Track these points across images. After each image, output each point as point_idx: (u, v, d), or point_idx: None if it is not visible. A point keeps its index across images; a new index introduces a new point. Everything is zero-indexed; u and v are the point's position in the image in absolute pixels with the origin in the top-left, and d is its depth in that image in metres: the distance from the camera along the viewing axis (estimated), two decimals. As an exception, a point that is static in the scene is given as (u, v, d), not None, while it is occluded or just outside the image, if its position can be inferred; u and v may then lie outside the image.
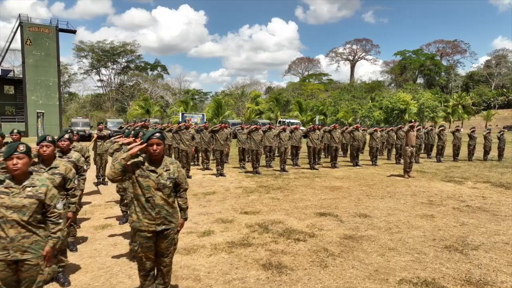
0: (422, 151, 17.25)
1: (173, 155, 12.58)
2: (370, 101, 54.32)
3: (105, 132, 10.14)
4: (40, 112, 32.35)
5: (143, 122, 10.57)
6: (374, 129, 14.30)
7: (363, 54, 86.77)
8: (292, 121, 36.96)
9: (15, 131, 6.53)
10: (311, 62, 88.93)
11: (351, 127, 14.19)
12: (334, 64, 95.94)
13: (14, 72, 52.23)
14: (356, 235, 5.61)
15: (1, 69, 48.46)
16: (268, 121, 38.07)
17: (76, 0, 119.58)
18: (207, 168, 12.93)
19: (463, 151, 16.43)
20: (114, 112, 60.29)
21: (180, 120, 35.44)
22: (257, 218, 6.54)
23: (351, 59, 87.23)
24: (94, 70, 70.56)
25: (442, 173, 12.25)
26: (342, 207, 7.35)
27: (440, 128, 15.62)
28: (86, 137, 30.99)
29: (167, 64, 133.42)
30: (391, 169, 13.26)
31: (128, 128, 11.06)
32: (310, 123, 45.24)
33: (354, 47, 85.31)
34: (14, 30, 47.89)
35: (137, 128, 8.33)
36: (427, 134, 16.55)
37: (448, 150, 16.65)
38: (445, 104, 54.13)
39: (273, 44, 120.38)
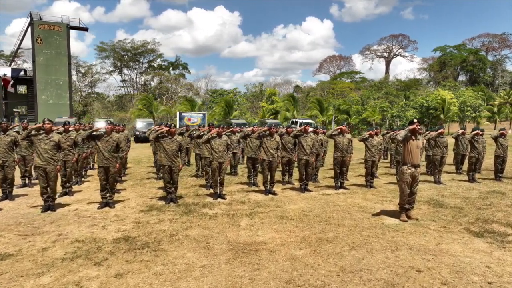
0: (448, 163, 12.25)
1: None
2: (404, 100, 48.60)
3: None
4: (17, 111, 29.88)
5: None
6: (368, 133, 9.45)
7: (400, 50, 79.94)
8: (305, 121, 32.32)
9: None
10: (343, 60, 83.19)
11: (332, 130, 9.49)
12: (368, 62, 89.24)
13: (26, 71, 50.75)
14: None
15: (12, 69, 47.02)
16: (277, 121, 33.46)
17: (115, 4, 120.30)
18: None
19: (511, 164, 11.35)
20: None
21: (178, 120, 31.63)
22: None
23: (386, 56, 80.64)
24: (116, 70, 69.07)
25: (471, 208, 7.29)
26: None
27: (475, 132, 10.53)
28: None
29: (200, 64, 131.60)
30: (390, 196, 8.44)
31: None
32: (333, 124, 40.34)
33: (389, 43, 78.76)
34: (24, 28, 46.16)
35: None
36: (457, 141, 11.50)
37: (489, 161, 11.61)
38: (490, 103, 47.44)
39: (308, 43, 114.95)
